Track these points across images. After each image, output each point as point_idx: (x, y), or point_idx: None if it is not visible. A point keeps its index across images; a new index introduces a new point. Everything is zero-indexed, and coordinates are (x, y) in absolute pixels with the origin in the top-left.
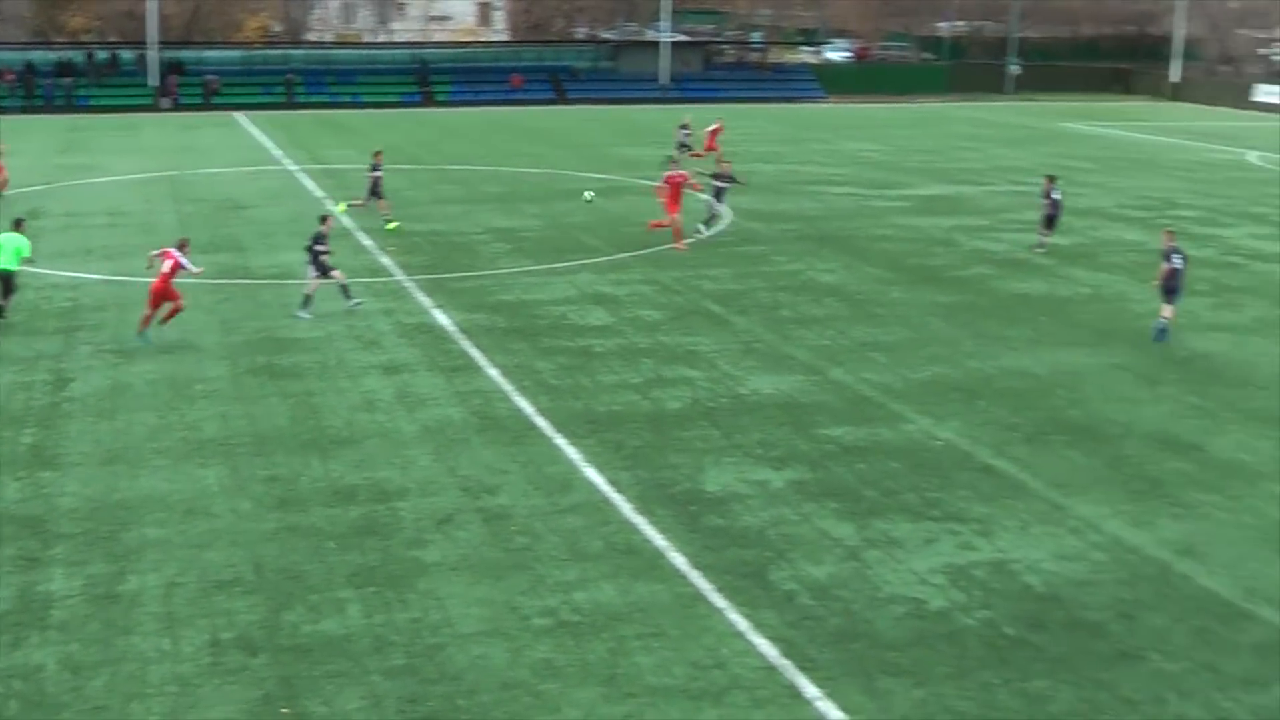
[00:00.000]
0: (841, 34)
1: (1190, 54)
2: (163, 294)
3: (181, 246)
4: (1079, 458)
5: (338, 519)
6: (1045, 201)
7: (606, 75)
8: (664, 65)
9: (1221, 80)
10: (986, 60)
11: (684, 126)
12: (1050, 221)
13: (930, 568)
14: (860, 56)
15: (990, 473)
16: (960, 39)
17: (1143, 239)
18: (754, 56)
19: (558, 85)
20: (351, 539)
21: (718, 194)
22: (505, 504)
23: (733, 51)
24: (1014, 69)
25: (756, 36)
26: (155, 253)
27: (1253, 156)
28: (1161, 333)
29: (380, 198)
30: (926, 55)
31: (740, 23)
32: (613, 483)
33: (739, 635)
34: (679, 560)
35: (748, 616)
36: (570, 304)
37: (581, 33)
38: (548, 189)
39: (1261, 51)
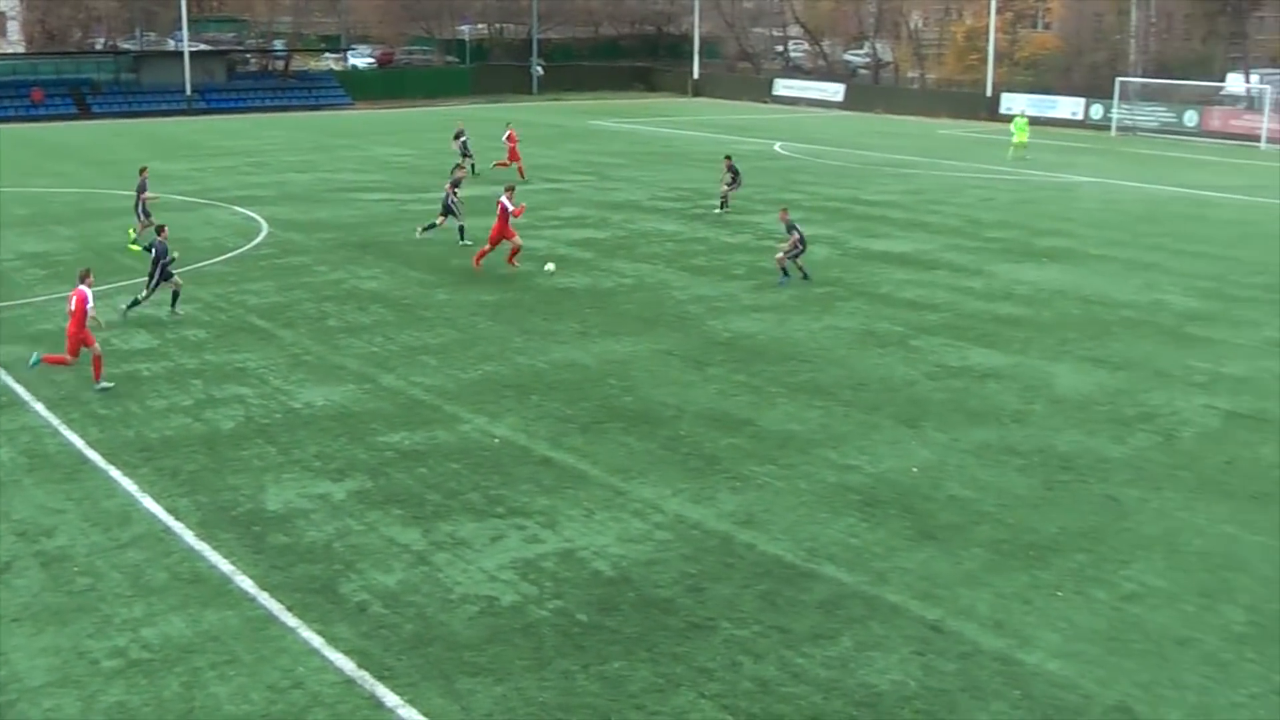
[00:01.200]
0: (364, 39)
1: (710, 52)
2: (79, 340)
3: (84, 278)
4: (635, 442)
5: None
6: (729, 175)
7: (129, 87)
8: (187, 76)
9: (742, 76)
10: (510, 61)
11: (459, 135)
12: (733, 185)
13: (499, 564)
14: (383, 62)
15: (550, 465)
16: (482, 41)
17: (679, 229)
18: (277, 64)
19: (79, 99)
20: None
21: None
22: (64, 545)
23: (256, 60)
24: (538, 70)
25: (279, 44)
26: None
27: (778, 146)
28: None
29: (140, 217)
30: (450, 58)
31: (262, 31)
32: (172, 511)
33: (314, 652)
34: (246, 583)
35: (321, 632)
36: (112, 328)
37: (100, 43)
38: (79, 209)
39: (778, 49)
